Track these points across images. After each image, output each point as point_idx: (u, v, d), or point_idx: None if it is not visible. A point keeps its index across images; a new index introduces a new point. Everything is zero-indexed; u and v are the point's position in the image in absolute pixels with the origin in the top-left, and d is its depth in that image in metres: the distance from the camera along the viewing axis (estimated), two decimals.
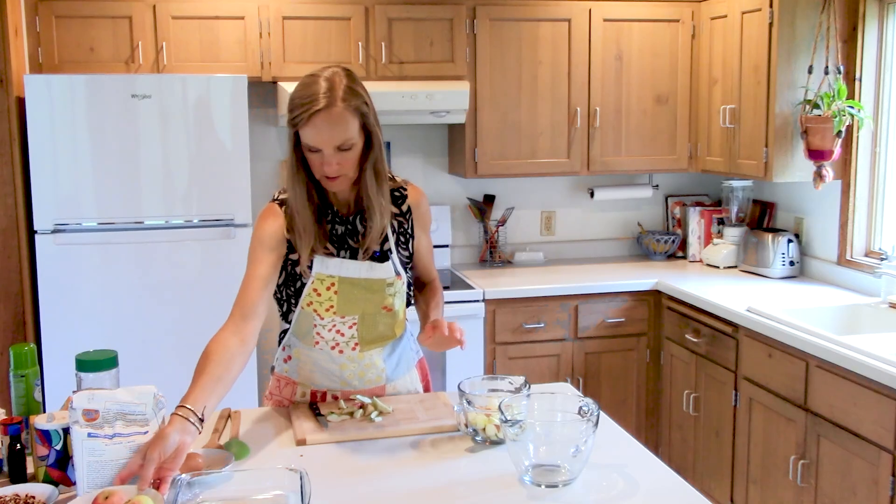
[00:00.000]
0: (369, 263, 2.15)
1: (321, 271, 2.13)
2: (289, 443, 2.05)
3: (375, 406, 2.15)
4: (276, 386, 2.33)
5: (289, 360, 2.32)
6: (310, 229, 2.09)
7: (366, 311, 2.19)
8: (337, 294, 2.15)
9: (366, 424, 2.08)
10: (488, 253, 4.47)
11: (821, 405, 2.92)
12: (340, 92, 1.95)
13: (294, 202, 2.10)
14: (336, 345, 2.22)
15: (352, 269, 2.14)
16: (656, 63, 4.24)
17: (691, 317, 3.74)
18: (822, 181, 3.57)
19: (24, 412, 1.91)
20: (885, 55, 3.58)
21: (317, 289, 2.15)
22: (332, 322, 2.19)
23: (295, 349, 2.29)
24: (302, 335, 2.26)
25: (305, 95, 1.94)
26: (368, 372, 2.25)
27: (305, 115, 1.93)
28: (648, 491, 1.79)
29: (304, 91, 1.96)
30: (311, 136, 1.96)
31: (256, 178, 4.14)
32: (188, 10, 3.77)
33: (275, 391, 2.33)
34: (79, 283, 3.53)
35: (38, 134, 3.44)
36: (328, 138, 1.95)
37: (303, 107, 1.93)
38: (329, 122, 1.94)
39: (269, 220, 2.15)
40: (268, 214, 2.16)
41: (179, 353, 3.63)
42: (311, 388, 2.27)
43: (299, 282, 2.17)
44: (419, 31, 3.98)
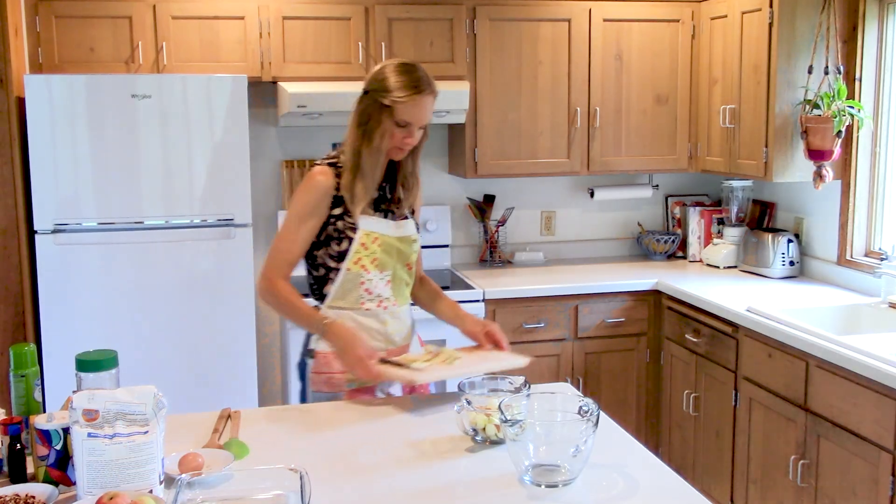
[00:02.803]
0: (398, 222, 2.44)
1: (367, 228, 2.37)
2: (289, 443, 2.05)
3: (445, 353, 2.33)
4: (322, 364, 2.41)
5: None
6: (371, 191, 2.37)
7: (396, 268, 2.43)
8: (380, 248, 2.39)
9: (447, 367, 2.25)
10: (488, 253, 4.47)
11: (821, 405, 2.92)
12: (433, 83, 2.35)
13: (368, 166, 2.34)
14: (381, 301, 2.42)
15: (388, 226, 2.42)
16: (656, 63, 4.24)
17: (691, 317, 3.74)
18: (822, 181, 3.57)
19: (24, 412, 1.91)
20: (885, 55, 3.58)
21: (364, 243, 2.37)
22: (377, 276, 2.40)
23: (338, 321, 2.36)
24: (347, 297, 2.40)
25: (413, 79, 2.30)
26: (404, 328, 2.48)
27: (414, 94, 2.29)
28: (648, 491, 1.79)
29: (408, 76, 2.30)
30: (410, 113, 2.30)
31: (256, 178, 4.14)
32: (188, 10, 3.77)
33: (322, 369, 2.41)
34: (79, 283, 3.53)
35: (38, 134, 3.44)
36: (422, 117, 2.33)
37: (412, 88, 2.29)
38: (427, 105, 2.33)
39: (322, 179, 2.36)
40: (320, 174, 2.37)
41: (179, 353, 3.64)
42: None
43: (344, 241, 2.37)
44: (419, 31, 3.98)
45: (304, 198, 2.36)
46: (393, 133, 2.32)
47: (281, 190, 4.30)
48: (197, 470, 1.76)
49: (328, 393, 2.40)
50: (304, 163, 4.28)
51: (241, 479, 1.73)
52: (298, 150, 4.31)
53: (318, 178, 2.36)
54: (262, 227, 4.28)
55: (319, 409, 2.32)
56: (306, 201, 2.35)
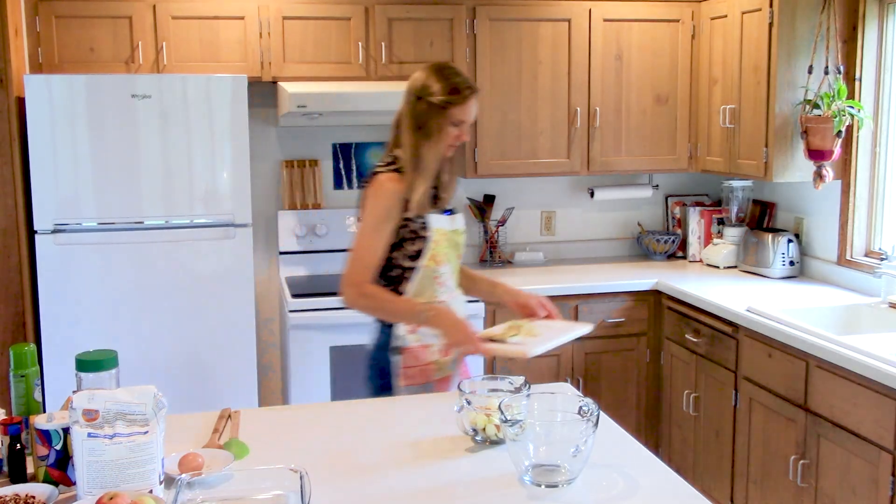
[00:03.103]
0: (451, 217, 2.60)
1: (436, 225, 2.52)
2: (289, 443, 2.05)
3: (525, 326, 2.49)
4: (412, 357, 2.51)
5: (416, 331, 2.51)
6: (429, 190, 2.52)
7: (453, 260, 2.60)
8: (445, 243, 2.55)
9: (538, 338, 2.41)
10: (488, 253, 4.47)
11: (821, 405, 2.92)
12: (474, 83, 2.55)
13: (430, 166, 2.49)
14: (451, 292, 2.58)
15: (446, 222, 2.58)
16: (656, 63, 4.24)
17: (691, 317, 3.74)
18: (822, 181, 3.57)
19: (24, 412, 1.91)
20: (885, 55, 3.58)
21: (436, 240, 2.52)
22: (446, 270, 2.55)
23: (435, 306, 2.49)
24: (425, 293, 2.51)
25: (464, 81, 2.48)
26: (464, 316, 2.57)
27: (468, 94, 2.46)
28: (648, 491, 1.79)
29: (459, 78, 2.48)
30: (464, 112, 2.47)
31: (256, 178, 4.14)
32: (188, 10, 3.77)
33: (412, 363, 2.51)
34: (79, 283, 3.53)
35: (38, 134, 3.44)
36: (472, 114, 2.51)
37: (467, 89, 2.46)
38: (475, 103, 2.50)
39: (393, 185, 2.47)
40: (389, 181, 2.48)
41: (179, 353, 3.64)
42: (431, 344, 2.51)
43: (418, 241, 2.50)
44: (419, 31, 3.98)
45: (380, 205, 2.47)
46: (449, 132, 2.48)
47: (281, 190, 4.30)
48: (197, 470, 1.76)
49: (418, 385, 2.50)
50: (304, 163, 4.28)
51: (241, 479, 1.73)
52: (298, 150, 4.31)
53: (388, 185, 2.46)
54: (262, 227, 4.28)
55: (319, 410, 2.32)
56: (382, 207, 2.46)
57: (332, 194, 4.37)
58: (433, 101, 2.45)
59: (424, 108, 2.46)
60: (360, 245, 2.47)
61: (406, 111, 2.50)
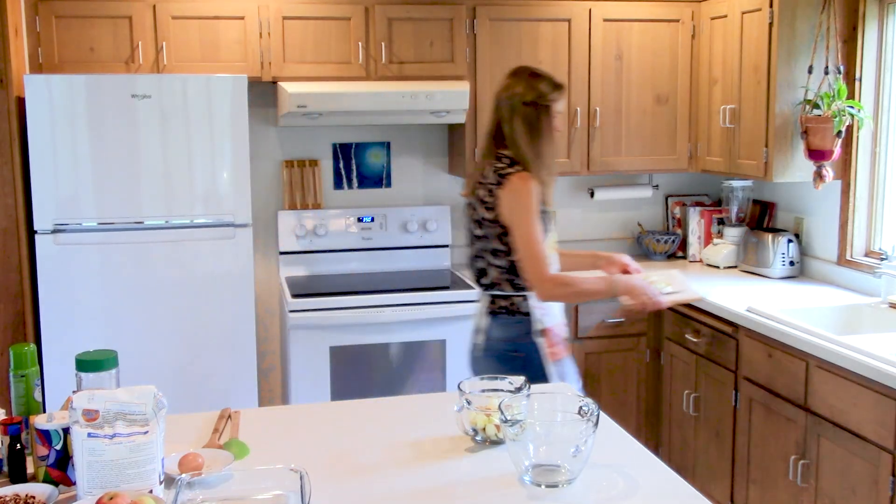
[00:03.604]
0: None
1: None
2: (289, 443, 2.05)
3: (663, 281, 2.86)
4: (554, 335, 2.77)
5: (548, 312, 2.78)
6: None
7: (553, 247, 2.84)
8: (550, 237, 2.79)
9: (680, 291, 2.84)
10: None
11: (821, 405, 2.92)
12: None
13: (550, 160, 2.77)
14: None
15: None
16: (656, 63, 4.24)
17: (691, 317, 3.74)
18: (822, 181, 3.57)
19: (24, 412, 1.91)
20: (885, 55, 3.58)
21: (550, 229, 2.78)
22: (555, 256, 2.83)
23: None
24: None
25: (553, 79, 2.80)
26: None
27: (562, 90, 2.80)
28: (648, 491, 1.79)
29: (548, 78, 2.80)
30: (560, 105, 2.81)
31: (256, 178, 4.14)
32: (188, 10, 3.77)
33: (556, 339, 2.78)
34: (79, 283, 3.53)
35: (38, 134, 3.44)
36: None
37: (560, 85, 2.80)
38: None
39: (532, 182, 2.69)
40: (527, 178, 2.69)
41: (179, 354, 3.64)
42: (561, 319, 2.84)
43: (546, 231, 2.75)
44: (419, 31, 3.98)
45: (531, 200, 2.67)
46: (554, 125, 2.79)
47: (281, 190, 4.30)
48: (197, 470, 1.76)
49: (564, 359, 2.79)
50: (304, 163, 4.28)
51: (241, 479, 1.73)
52: (298, 150, 4.31)
53: (528, 184, 2.67)
54: (262, 227, 4.28)
55: (319, 410, 2.32)
56: (532, 204, 2.67)
57: (332, 194, 4.37)
58: (540, 102, 2.74)
59: (531, 111, 2.74)
60: (530, 242, 2.66)
61: (512, 117, 2.76)
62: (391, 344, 3.83)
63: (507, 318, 2.76)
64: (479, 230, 2.79)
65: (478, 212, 2.77)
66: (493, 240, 2.74)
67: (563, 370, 2.78)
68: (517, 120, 2.75)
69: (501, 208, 2.69)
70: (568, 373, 2.81)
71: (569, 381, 2.76)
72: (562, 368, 2.78)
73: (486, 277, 2.79)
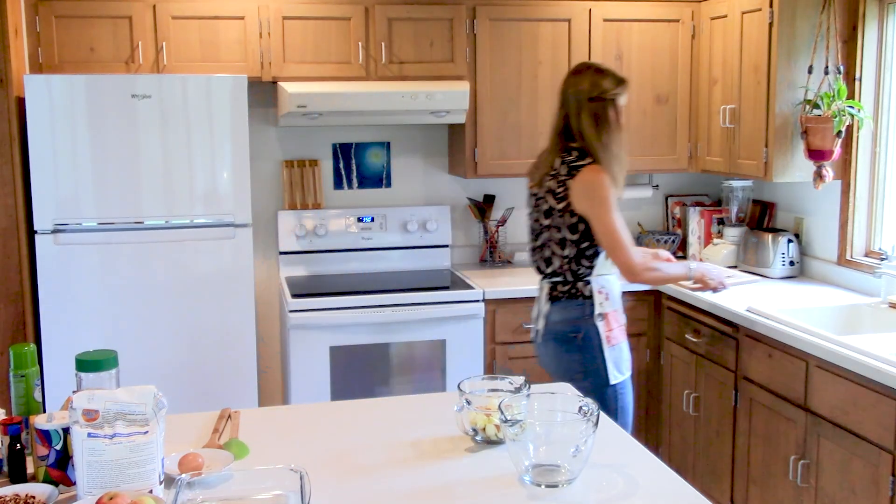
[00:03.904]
0: None
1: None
2: (289, 443, 2.05)
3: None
4: (613, 320, 2.93)
5: (608, 297, 2.92)
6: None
7: None
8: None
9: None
10: (488, 253, 4.47)
11: (821, 405, 2.92)
12: None
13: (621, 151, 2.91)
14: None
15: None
16: (656, 63, 4.24)
17: (691, 317, 3.74)
18: (822, 181, 3.57)
19: (24, 412, 1.91)
20: (885, 55, 3.58)
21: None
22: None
23: (607, 286, 2.93)
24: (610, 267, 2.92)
25: (616, 73, 2.94)
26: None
27: (625, 83, 2.94)
28: (648, 491, 1.79)
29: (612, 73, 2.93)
30: (625, 97, 2.94)
31: (256, 178, 4.14)
32: (188, 10, 3.77)
33: (615, 325, 2.93)
34: (79, 283, 3.53)
35: (38, 134, 3.44)
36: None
37: (622, 78, 2.93)
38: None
39: (604, 175, 2.84)
40: (601, 170, 2.85)
41: (179, 353, 3.64)
42: (621, 306, 2.98)
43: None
44: (419, 31, 3.98)
45: (607, 192, 2.83)
46: (620, 117, 2.93)
47: (281, 190, 4.30)
48: (197, 470, 1.76)
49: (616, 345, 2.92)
50: (304, 163, 4.28)
51: (241, 479, 1.73)
52: (298, 150, 4.31)
53: (601, 175, 2.83)
54: (262, 227, 4.28)
55: (319, 410, 2.32)
56: (610, 194, 2.83)
57: (332, 194, 4.37)
58: (605, 97, 2.88)
59: (597, 106, 2.88)
60: (613, 231, 2.83)
61: (579, 113, 2.89)
62: (391, 344, 3.83)
63: (567, 301, 2.92)
64: (546, 220, 2.95)
65: (547, 202, 2.92)
66: (563, 229, 2.89)
67: (618, 355, 2.92)
68: (584, 115, 2.88)
69: (573, 198, 2.85)
70: (623, 358, 2.95)
71: (623, 366, 2.94)
72: (617, 353, 2.92)
73: (551, 266, 2.96)
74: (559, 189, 2.87)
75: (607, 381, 2.89)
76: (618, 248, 2.84)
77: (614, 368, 2.90)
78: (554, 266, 2.94)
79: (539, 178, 2.98)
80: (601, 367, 2.89)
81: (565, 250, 2.90)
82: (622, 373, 2.94)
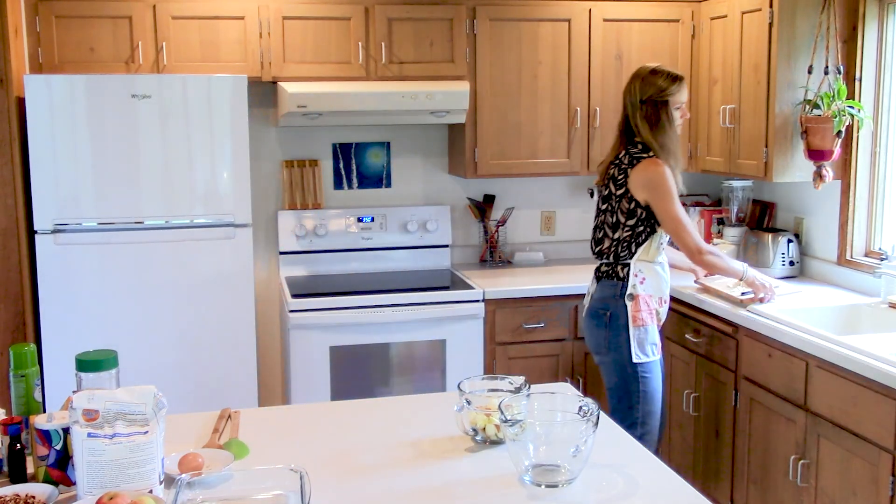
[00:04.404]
0: None
1: None
2: (289, 443, 2.05)
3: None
4: (643, 302, 3.13)
5: (644, 282, 3.13)
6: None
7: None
8: None
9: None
10: (488, 253, 4.47)
11: (821, 405, 2.92)
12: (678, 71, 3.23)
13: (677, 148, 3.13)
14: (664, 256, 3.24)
15: None
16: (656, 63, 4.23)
17: (691, 317, 3.73)
18: (822, 181, 3.57)
19: (24, 412, 1.91)
20: (885, 55, 3.58)
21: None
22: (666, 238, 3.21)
23: (647, 271, 3.14)
24: (652, 255, 3.15)
25: (670, 73, 3.17)
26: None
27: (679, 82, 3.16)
28: (648, 491, 1.79)
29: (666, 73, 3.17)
30: (682, 95, 3.16)
31: (256, 178, 4.15)
32: (188, 10, 3.77)
33: (644, 308, 3.12)
34: (79, 283, 3.54)
35: (38, 134, 3.44)
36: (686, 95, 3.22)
37: (676, 78, 3.16)
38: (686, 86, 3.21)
39: (663, 167, 3.08)
40: (661, 164, 3.09)
41: (180, 354, 3.64)
42: (659, 295, 3.17)
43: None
44: (419, 31, 3.98)
45: (668, 182, 3.07)
46: (675, 117, 3.14)
47: (281, 190, 4.30)
48: (197, 470, 1.76)
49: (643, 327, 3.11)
50: (304, 163, 4.28)
51: (241, 479, 1.73)
52: (298, 150, 4.31)
53: (662, 167, 3.07)
54: (262, 227, 4.28)
55: (319, 410, 2.32)
56: (670, 184, 3.07)
57: (332, 194, 4.37)
58: (657, 98, 3.10)
59: (650, 106, 3.11)
60: (677, 218, 3.08)
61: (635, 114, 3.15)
62: (391, 344, 3.83)
63: (607, 281, 3.18)
64: (603, 205, 3.21)
65: (608, 188, 3.18)
66: (616, 213, 3.14)
67: (643, 336, 3.12)
68: (639, 116, 3.14)
69: (632, 186, 3.09)
70: (648, 341, 3.14)
71: (647, 349, 3.13)
72: (643, 334, 3.12)
73: (600, 246, 3.22)
74: (620, 176, 3.13)
75: (629, 359, 3.12)
76: (683, 231, 3.10)
77: (637, 348, 3.12)
78: (603, 246, 3.20)
79: (603, 171, 3.27)
80: (624, 344, 3.12)
81: (616, 233, 3.15)
82: (647, 354, 3.12)
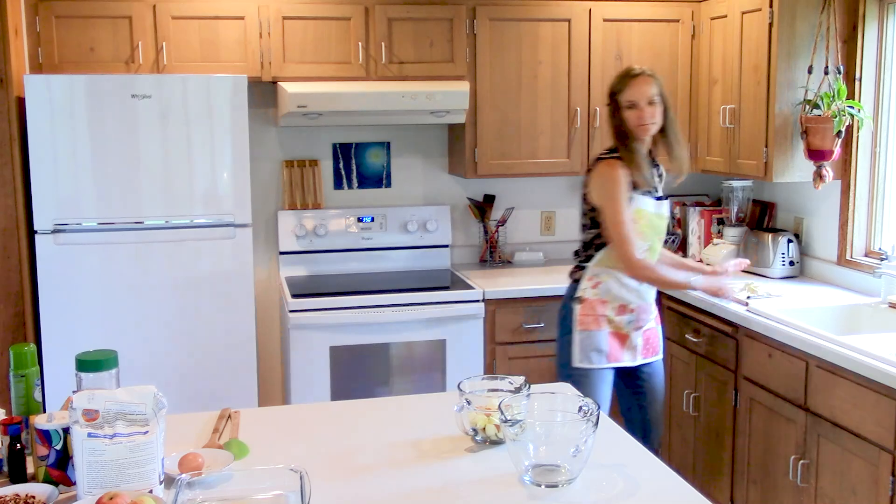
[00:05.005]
0: (659, 202, 3.10)
1: (637, 206, 3.01)
2: (289, 443, 2.05)
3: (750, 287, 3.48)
4: (589, 307, 3.08)
5: (598, 286, 3.07)
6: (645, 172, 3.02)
7: (654, 240, 3.09)
8: (645, 223, 3.03)
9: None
10: (488, 253, 4.47)
11: (821, 405, 2.92)
12: (647, 70, 3.04)
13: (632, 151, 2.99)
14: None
15: (652, 205, 3.06)
16: (656, 63, 4.23)
17: (691, 317, 3.74)
18: (822, 181, 3.57)
19: (24, 412, 1.91)
20: (885, 55, 3.58)
21: (635, 219, 3.00)
22: (643, 246, 3.03)
23: (603, 276, 3.07)
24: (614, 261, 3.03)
25: (625, 70, 3.04)
26: (652, 290, 3.16)
27: (626, 78, 2.99)
28: (648, 491, 1.79)
29: (624, 71, 3.05)
30: (631, 94, 2.97)
31: (256, 178, 4.14)
32: (188, 10, 3.77)
33: (589, 312, 3.07)
34: (79, 283, 3.53)
35: (38, 134, 3.44)
36: (641, 95, 2.98)
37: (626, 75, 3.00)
38: (641, 84, 2.99)
39: (621, 169, 2.97)
40: (616, 166, 2.99)
41: (179, 353, 3.64)
42: (619, 302, 3.08)
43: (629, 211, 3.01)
44: (419, 31, 3.98)
45: (616, 186, 2.97)
46: (628, 116, 2.99)
47: (281, 190, 4.30)
48: (197, 470, 1.76)
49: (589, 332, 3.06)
50: (304, 163, 4.28)
51: (241, 479, 1.73)
52: (298, 150, 4.31)
53: (615, 169, 2.97)
54: (262, 227, 4.28)
55: (319, 410, 2.32)
56: (618, 189, 2.96)
57: (332, 194, 4.37)
58: (612, 96, 3.04)
59: (609, 106, 3.07)
60: (617, 225, 2.96)
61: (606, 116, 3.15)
62: (391, 344, 3.83)
63: (570, 282, 3.19)
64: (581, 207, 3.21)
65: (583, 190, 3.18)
66: (581, 216, 3.16)
67: (587, 341, 3.08)
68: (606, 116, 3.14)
69: (589, 188, 3.07)
70: (592, 347, 3.09)
71: (591, 356, 3.08)
72: (586, 339, 3.08)
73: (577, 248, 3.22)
74: (586, 178, 3.14)
75: (569, 363, 3.10)
76: (620, 240, 2.98)
77: (579, 353, 3.08)
78: (576, 248, 3.22)
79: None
80: (566, 347, 3.11)
81: (582, 235, 3.16)
82: (589, 361, 3.07)
